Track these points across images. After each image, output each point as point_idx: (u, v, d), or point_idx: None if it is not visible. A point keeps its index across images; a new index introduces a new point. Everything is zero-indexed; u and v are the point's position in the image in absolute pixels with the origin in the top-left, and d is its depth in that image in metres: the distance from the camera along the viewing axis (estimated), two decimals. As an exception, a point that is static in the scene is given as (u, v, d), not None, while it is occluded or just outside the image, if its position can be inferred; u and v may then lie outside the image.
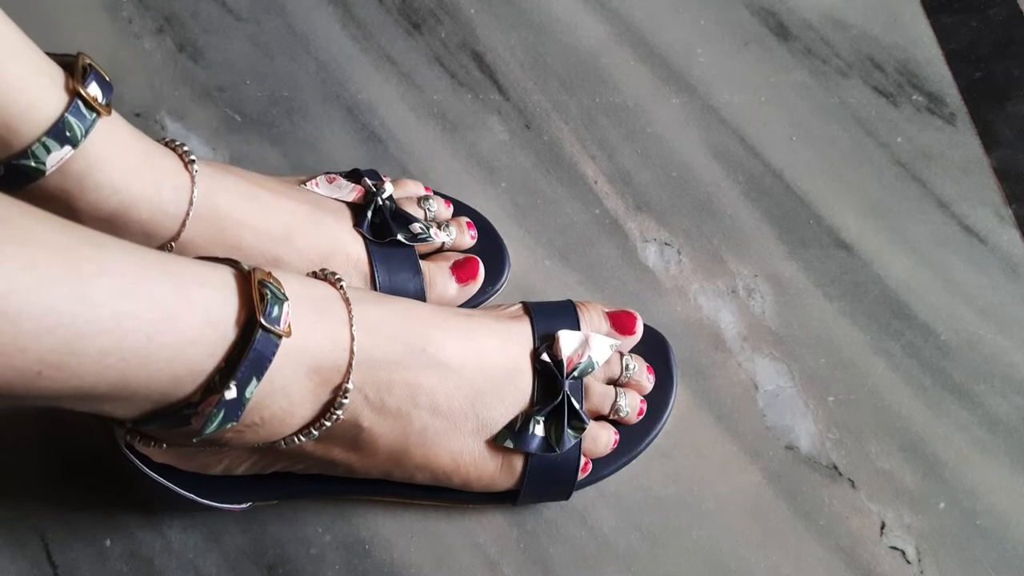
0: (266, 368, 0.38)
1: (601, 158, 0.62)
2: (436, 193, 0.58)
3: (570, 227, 0.59)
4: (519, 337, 0.48)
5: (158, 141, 0.48)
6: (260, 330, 0.37)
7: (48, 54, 0.43)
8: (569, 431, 0.47)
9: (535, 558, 0.50)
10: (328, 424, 0.42)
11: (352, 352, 0.42)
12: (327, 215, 0.51)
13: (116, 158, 0.44)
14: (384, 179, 0.55)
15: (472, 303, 0.55)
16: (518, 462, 0.48)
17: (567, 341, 0.48)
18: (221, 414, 0.38)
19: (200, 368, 0.37)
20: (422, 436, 0.45)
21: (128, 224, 0.45)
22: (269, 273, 0.40)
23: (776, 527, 0.51)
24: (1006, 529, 0.51)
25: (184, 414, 0.38)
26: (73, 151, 0.42)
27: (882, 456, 0.53)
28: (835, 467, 0.53)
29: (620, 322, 0.51)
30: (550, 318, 0.50)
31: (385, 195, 0.53)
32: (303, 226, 0.50)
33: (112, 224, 0.45)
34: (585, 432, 0.48)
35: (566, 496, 0.50)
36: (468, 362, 0.46)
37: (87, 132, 0.42)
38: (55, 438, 0.53)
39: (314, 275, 0.44)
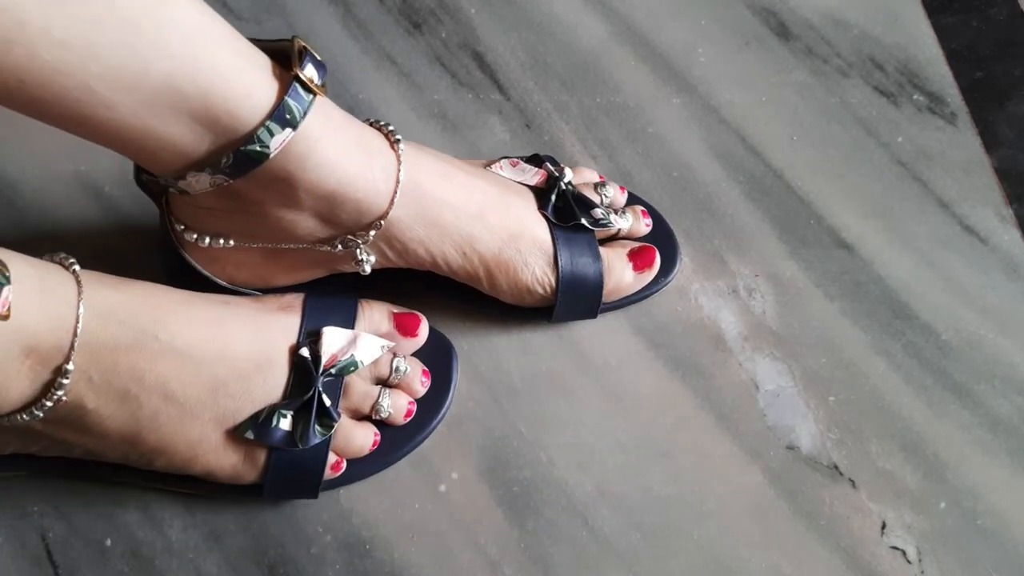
0: None
1: (602, 158, 0.62)
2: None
3: (571, 227, 0.59)
4: (279, 330, 0.48)
5: (364, 121, 0.49)
6: None
7: (261, 40, 0.44)
8: (317, 427, 0.47)
9: (536, 558, 0.50)
10: (50, 404, 0.42)
11: (76, 334, 0.42)
12: (515, 196, 0.53)
13: (332, 138, 0.45)
14: (561, 166, 0.56)
15: (643, 293, 0.55)
16: (261, 455, 0.47)
17: (331, 338, 0.48)
18: None
19: None
20: (154, 421, 0.45)
21: (345, 202, 0.46)
22: None
23: (777, 527, 0.51)
24: (1007, 529, 0.51)
25: None
26: (294, 133, 0.43)
27: (883, 456, 0.53)
28: (836, 467, 0.53)
29: (403, 324, 0.51)
30: (323, 314, 0.49)
31: (566, 180, 0.54)
32: (495, 206, 0.51)
33: (330, 202, 0.46)
34: (337, 430, 0.48)
35: (313, 494, 0.49)
36: (209, 351, 0.45)
37: (305, 113, 0.43)
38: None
39: (49, 259, 0.44)
